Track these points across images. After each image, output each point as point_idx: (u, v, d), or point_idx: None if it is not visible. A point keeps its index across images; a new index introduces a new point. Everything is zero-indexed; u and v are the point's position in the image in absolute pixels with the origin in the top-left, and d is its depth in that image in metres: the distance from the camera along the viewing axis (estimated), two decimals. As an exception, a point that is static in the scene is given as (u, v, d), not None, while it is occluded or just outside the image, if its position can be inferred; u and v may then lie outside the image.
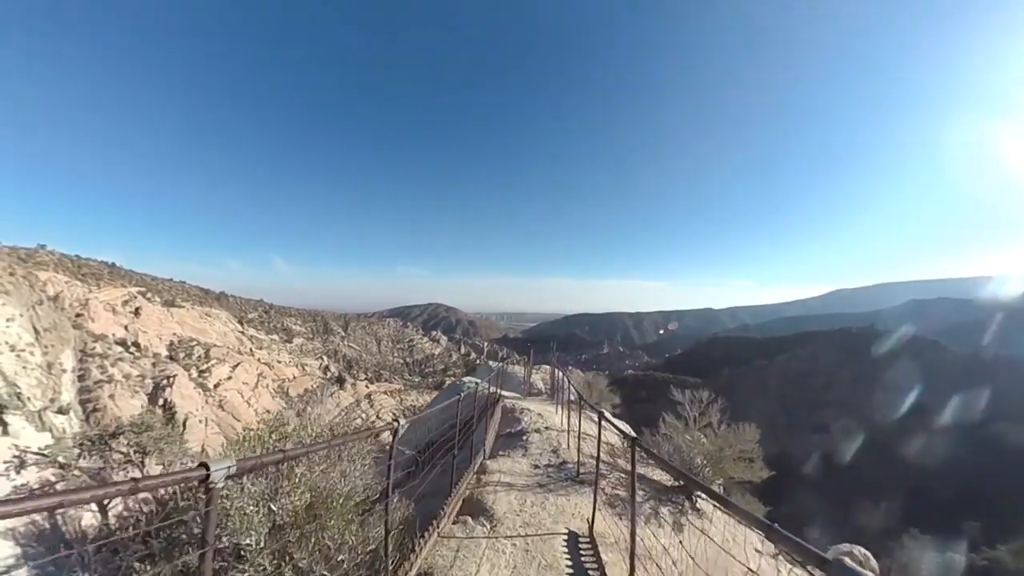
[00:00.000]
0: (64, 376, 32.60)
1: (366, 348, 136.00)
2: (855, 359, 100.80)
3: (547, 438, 10.42)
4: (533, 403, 14.94)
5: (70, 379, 33.92)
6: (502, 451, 9.53)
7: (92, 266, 79.45)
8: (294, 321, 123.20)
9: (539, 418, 12.11)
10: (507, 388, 18.57)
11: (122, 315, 57.13)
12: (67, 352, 34.55)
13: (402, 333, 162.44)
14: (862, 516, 53.18)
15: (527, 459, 8.98)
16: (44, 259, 68.25)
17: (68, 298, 51.94)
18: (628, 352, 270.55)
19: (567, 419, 11.39)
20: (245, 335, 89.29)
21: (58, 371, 31.55)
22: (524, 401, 15.33)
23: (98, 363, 37.18)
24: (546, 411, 13.40)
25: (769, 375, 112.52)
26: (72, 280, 62.13)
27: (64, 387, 32.36)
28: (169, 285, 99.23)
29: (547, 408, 14.17)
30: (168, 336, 66.09)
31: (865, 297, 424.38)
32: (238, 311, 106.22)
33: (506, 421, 12.19)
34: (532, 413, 12.54)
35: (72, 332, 38.02)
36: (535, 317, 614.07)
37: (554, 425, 11.50)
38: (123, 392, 35.50)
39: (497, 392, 14.62)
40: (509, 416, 12.56)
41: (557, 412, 13.32)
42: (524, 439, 10.26)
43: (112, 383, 35.54)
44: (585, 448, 8.93)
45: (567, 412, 11.65)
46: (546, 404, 15.36)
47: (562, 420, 11.86)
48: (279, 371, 79.53)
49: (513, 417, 12.32)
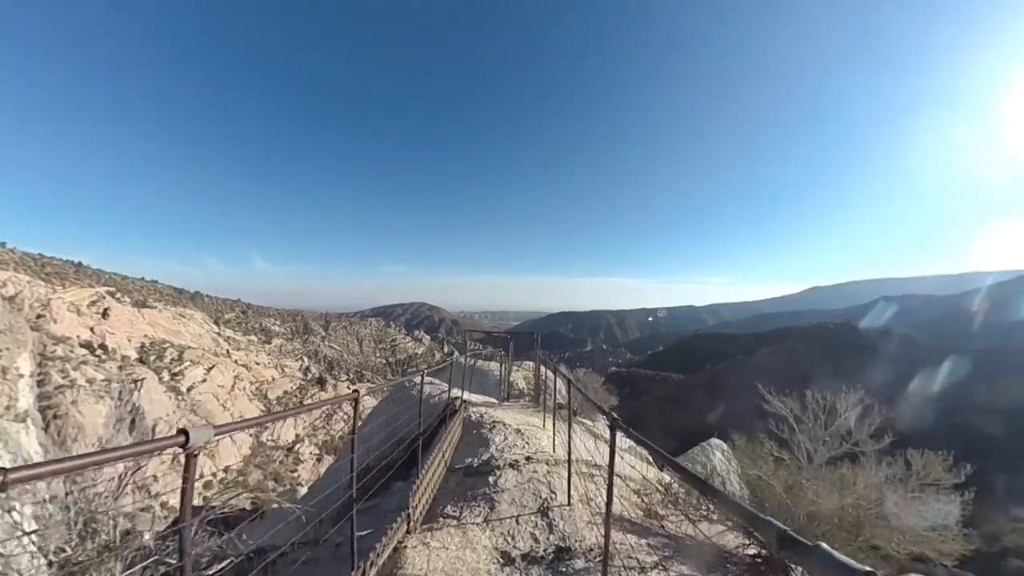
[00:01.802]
0: (21, 381, 30.48)
1: (347, 348, 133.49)
2: (833, 353, 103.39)
3: (530, 479, 6.42)
4: (510, 412, 10.92)
5: (28, 384, 31.77)
6: (451, 507, 5.71)
7: (56, 265, 75.57)
8: (273, 321, 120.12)
9: (517, 439, 8.25)
10: (478, 390, 15.06)
11: (87, 316, 54.41)
12: (24, 355, 32.42)
13: (384, 332, 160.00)
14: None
15: (491, 533, 5.01)
16: (3, 257, 64.57)
17: (28, 298, 49.12)
18: (611, 349, 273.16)
19: (559, 436, 8.37)
20: (221, 336, 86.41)
21: (14, 376, 29.47)
22: (498, 410, 11.29)
23: (59, 367, 35.07)
24: (528, 425, 9.55)
25: (750, 370, 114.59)
26: (35, 280, 58.86)
27: (21, 393, 30.25)
28: (140, 285, 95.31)
29: (530, 420, 10.27)
30: (139, 338, 63.28)
31: (840, 294, 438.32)
32: (214, 311, 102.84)
33: (466, 444, 8.34)
34: (508, 430, 8.69)
35: (30, 334, 35.71)
36: (518, 316, 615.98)
37: (541, 450, 7.81)
38: (87, 397, 33.56)
39: (459, 398, 10.93)
40: (472, 435, 8.70)
41: (544, 426, 9.76)
42: (491, 482, 6.35)
43: (75, 388, 33.55)
44: (598, 496, 5.65)
45: (557, 424, 8.77)
46: (528, 413, 11.46)
47: (552, 440, 8.41)
48: (257, 373, 77.17)
49: (478, 437, 8.45)
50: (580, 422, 11.91)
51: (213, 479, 36.45)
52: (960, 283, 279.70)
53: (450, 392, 11.33)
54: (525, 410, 12.14)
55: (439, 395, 11.98)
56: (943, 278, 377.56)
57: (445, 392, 11.73)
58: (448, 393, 11.32)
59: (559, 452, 7.74)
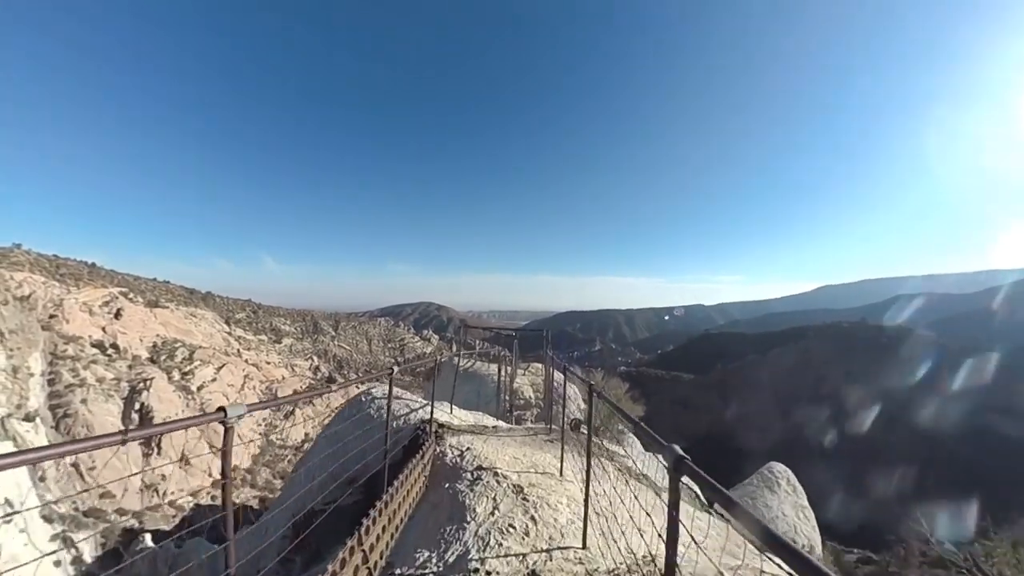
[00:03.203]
0: (32, 380, 30.78)
1: (357, 348, 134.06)
2: (847, 353, 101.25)
3: None
4: (509, 446, 7.23)
5: (39, 383, 32.09)
6: None
7: (71, 266, 76.62)
8: (283, 321, 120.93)
9: (517, 510, 4.65)
10: (472, 401, 11.63)
11: (100, 316, 54.94)
12: (35, 355, 32.73)
13: (393, 332, 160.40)
14: (861, 508, 52.98)
15: None
16: (19, 259, 65.50)
17: (42, 299, 49.67)
18: (620, 349, 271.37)
19: (580, 481, 5.21)
20: (232, 336, 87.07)
21: (25, 375, 29.72)
22: (492, 440, 7.52)
23: (70, 366, 35.27)
24: (536, 470, 6.04)
25: (762, 370, 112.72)
26: (50, 280, 59.63)
27: (32, 392, 30.52)
28: (153, 285, 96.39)
29: (539, 460, 6.57)
30: (151, 338, 63.86)
31: (853, 292, 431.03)
32: (225, 311, 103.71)
33: (430, 512, 5.13)
34: (501, 486, 5.22)
35: (41, 334, 36.07)
36: (527, 315, 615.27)
37: (560, 532, 4.28)
38: (96, 396, 33.70)
39: (432, 423, 7.47)
40: (443, 492, 5.39)
41: (563, 473, 6.07)
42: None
43: (84, 387, 33.68)
44: None
45: (579, 459, 6.04)
46: (537, 444, 7.73)
47: (583, 514, 4.10)
48: (267, 372, 77.59)
49: (451, 499, 5.12)
50: (603, 448, 8.60)
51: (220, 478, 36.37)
52: (978, 281, 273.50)
53: (432, 407, 7.67)
54: (532, 438, 8.19)
55: (416, 411, 8.36)
56: (960, 276, 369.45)
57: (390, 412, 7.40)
58: (429, 407, 7.73)
59: (591, 537, 3.93)
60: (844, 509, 55.52)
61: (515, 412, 12.22)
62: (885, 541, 20.39)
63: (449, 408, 9.44)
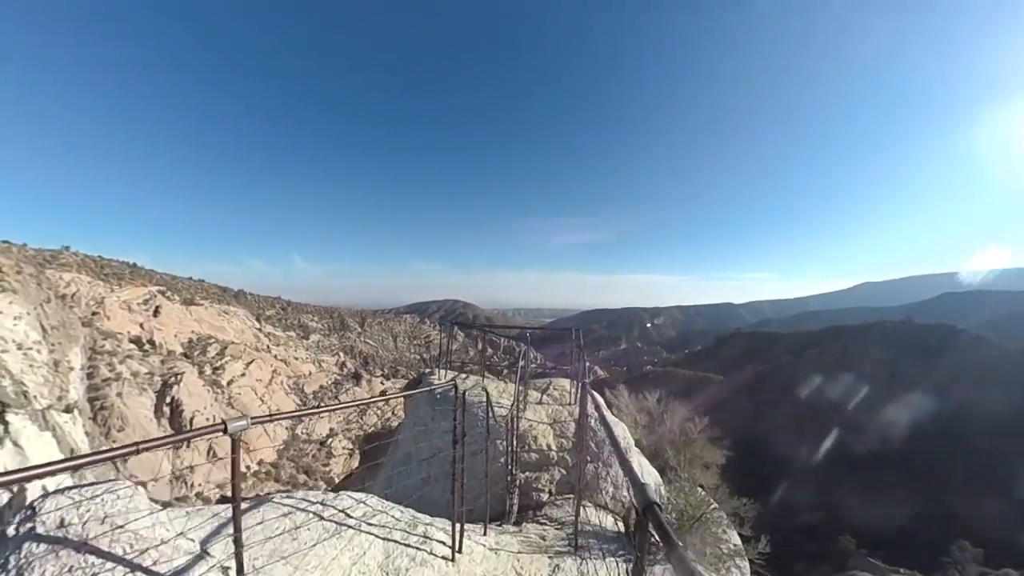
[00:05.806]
0: (72, 374, 32.04)
1: (383, 344, 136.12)
2: (892, 355, 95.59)
3: None
4: None
5: (78, 376, 33.44)
6: None
7: (114, 266, 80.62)
8: (311, 318, 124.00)
9: None
10: (440, 455, 5.99)
11: (138, 313, 57.38)
12: (75, 350, 34.11)
13: (418, 329, 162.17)
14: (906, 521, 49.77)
15: None
16: (68, 260, 69.30)
17: (85, 297, 52.25)
18: (646, 348, 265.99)
19: None
20: (262, 332, 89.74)
21: (65, 369, 30.99)
22: None
23: (107, 361, 36.86)
24: None
25: (797, 372, 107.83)
26: (95, 280, 62.80)
27: (72, 385, 31.83)
28: (189, 284, 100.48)
29: None
30: (186, 334, 66.41)
31: (895, 290, 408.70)
32: (256, 308, 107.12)
33: None
34: None
35: (81, 330, 37.70)
36: (551, 313, 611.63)
37: None
38: (131, 390, 35.04)
39: None
40: None
41: None
42: None
43: (120, 381, 35.13)
44: None
45: None
46: None
47: None
48: (295, 368, 79.53)
49: None
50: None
51: (247, 471, 37.38)
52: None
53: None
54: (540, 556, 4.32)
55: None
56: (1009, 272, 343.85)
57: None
58: None
59: None
60: (888, 522, 52.30)
61: (517, 484, 6.07)
62: (939, 563, 18.69)
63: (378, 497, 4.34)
